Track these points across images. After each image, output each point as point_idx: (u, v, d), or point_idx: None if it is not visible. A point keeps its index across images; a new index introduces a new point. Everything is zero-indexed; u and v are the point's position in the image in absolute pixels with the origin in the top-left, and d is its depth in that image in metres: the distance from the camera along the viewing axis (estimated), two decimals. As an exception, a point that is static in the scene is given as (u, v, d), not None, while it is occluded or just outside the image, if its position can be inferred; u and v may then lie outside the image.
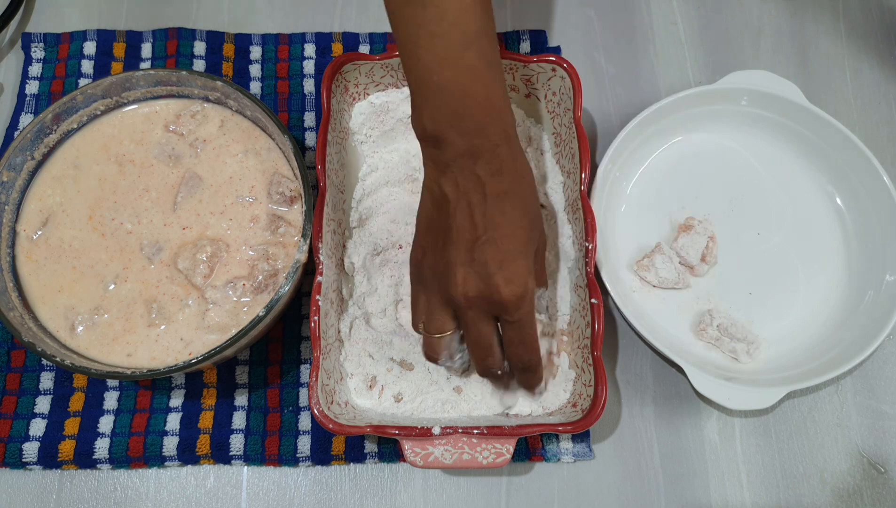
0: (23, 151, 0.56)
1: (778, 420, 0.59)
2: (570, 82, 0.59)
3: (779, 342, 0.59)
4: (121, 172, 0.58)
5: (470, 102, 0.45)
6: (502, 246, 0.45)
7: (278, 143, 0.58)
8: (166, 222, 0.57)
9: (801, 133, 0.64)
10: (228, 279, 0.55)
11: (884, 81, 0.70)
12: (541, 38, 0.70)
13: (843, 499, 0.56)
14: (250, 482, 0.56)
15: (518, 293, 0.45)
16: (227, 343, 0.50)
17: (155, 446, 0.56)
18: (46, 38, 0.68)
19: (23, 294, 0.55)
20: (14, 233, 0.56)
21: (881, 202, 0.61)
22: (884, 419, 0.59)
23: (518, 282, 0.45)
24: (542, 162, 0.62)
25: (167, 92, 0.60)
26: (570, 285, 0.58)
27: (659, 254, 0.60)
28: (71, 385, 0.58)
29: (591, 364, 0.52)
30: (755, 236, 0.63)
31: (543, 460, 0.57)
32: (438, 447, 0.51)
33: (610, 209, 0.62)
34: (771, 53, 0.71)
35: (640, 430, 0.58)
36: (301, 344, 0.60)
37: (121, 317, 0.54)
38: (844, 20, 0.72)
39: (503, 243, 0.45)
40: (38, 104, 0.66)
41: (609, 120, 0.68)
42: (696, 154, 0.66)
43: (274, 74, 0.68)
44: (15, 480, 0.56)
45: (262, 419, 0.57)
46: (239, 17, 0.71)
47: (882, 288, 0.59)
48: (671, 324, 0.60)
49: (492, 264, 0.45)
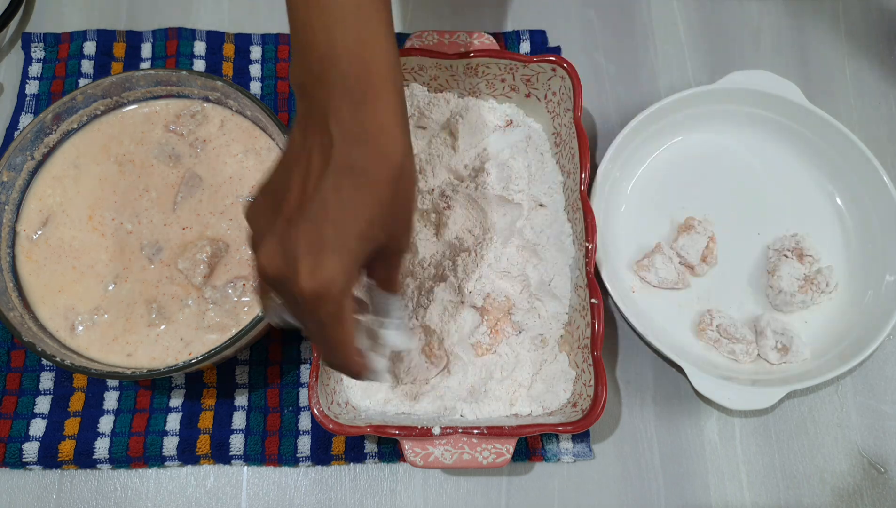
0: (23, 151, 0.56)
1: (778, 420, 0.59)
2: (570, 82, 0.59)
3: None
4: (121, 172, 0.58)
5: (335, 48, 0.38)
6: (322, 230, 0.38)
7: (278, 143, 0.58)
8: (166, 222, 0.57)
9: (801, 133, 0.64)
10: (228, 279, 0.55)
11: (884, 81, 0.70)
12: (541, 38, 0.70)
13: (843, 499, 0.56)
14: (250, 482, 0.56)
15: (317, 290, 0.38)
16: (227, 343, 0.50)
17: (155, 446, 0.56)
18: (46, 38, 0.68)
19: (23, 294, 0.55)
20: (14, 233, 0.56)
21: (881, 202, 0.61)
22: (884, 419, 0.59)
23: (320, 278, 0.38)
24: (542, 162, 0.62)
25: (167, 92, 0.60)
26: (570, 285, 0.58)
27: (659, 254, 0.60)
28: (71, 385, 0.58)
29: (591, 364, 0.52)
30: (755, 236, 0.63)
31: (543, 460, 0.57)
32: (438, 447, 0.51)
33: (610, 209, 0.62)
34: (771, 53, 0.71)
35: (640, 430, 0.58)
36: (301, 344, 0.60)
37: (121, 317, 0.54)
38: (844, 20, 0.72)
39: (324, 228, 0.38)
40: (38, 104, 0.66)
41: (609, 120, 0.68)
42: (696, 154, 0.66)
43: (274, 74, 0.68)
44: (15, 480, 0.56)
45: (262, 419, 0.57)
46: (239, 17, 0.71)
47: (882, 288, 0.59)
48: (671, 324, 0.60)
49: (301, 246, 0.38)
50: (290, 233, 0.38)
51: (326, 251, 0.38)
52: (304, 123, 0.40)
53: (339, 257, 0.38)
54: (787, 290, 0.59)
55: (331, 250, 0.38)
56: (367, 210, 0.38)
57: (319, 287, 0.38)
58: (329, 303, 0.39)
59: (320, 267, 0.38)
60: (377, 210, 0.39)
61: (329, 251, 0.38)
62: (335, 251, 0.38)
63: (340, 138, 0.38)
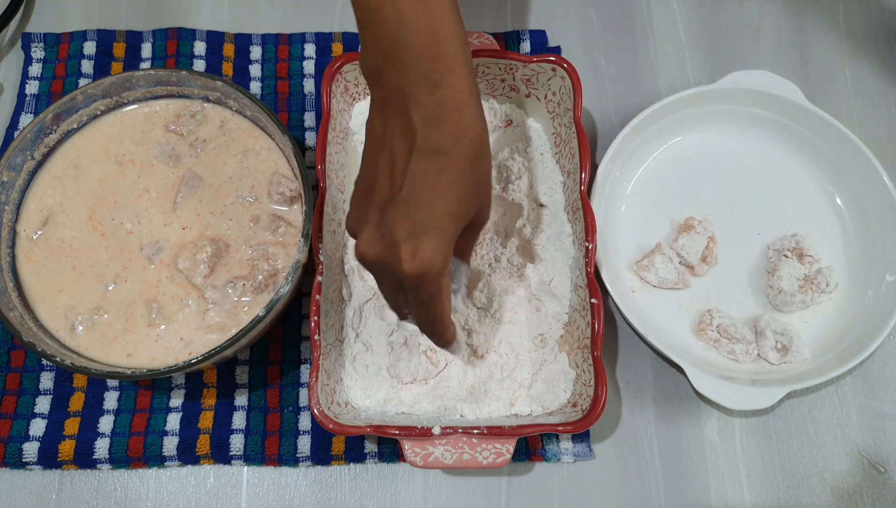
0: (23, 151, 0.56)
1: (778, 420, 0.59)
2: (570, 82, 0.59)
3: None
4: (121, 172, 0.58)
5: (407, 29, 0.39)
6: (416, 214, 0.39)
7: (278, 143, 0.58)
8: (166, 222, 0.57)
9: (801, 133, 0.64)
10: (228, 279, 0.55)
11: (884, 81, 0.70)
12: (541, 38, 0.70)
13: (843, 499, 0.56)
14: (250, 482, 0.56)
15: (418, 272, 0.39)
16: (227, 343, 0.50)
17: (155, 446, 0.56)
18: (46, 38, 0.68)
19: (23, 294, 0.55)
20: (14, 233, 0.56)
21: (881, 202, 0.61)
22: (884, 419, 0.59)
23: (422, 260, 0.39)
24: (542, 162, 0.62)
25: (167, 92, 0.60)
26: (570, 285, 0.58)
27: (659, 254, 0.60)
28: (71, 385, 0.58)
29: (591, 364, 0.52)
30: (755, 236, 0.63)
31: (543, 460, 0.57)
32: (438, 447, 0.51)
33: (610, 209, 0.62)
34: (771, 53, 0.71)
35: (640, 430, 0.58)
36: (301, 344, 0.60)
37: (121, 317, 0.54)
38: (844, 20, 0.72)
39: (418, 211, 0.39)
40: (38, 104, 0.66)
41: (609, 120, 0.68)
42: (696, 154, 0.66)
43: (274, 74, 0.68)
44: (15, 480, 0.56)
45: (262, 419, 0.57)
46: (239, 17, 0.71)
47: (882, 288, 0.59)
48: (671, 324, 0.60)
49: (399, 231, 0.39)
50: (386, 220, 0.40)
51: (423, 234, 0.39)
52: (383, 110, 0.40)
53: (435, 239, 0.40)
54: (787, 290, 0.59)
55: (427, 232, 0.39)
56: (454, 190, 0.40)
57: (422, 269, 0.40)
58: (430, 283, 0.41)
59: (420, 250, 0.39)
60: (464, 189, 0.40)
61: (425, 234, 0.39)
62: (431, 233, 0.39)
63: (421, 122, 0.39)
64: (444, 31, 0.40)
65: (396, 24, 0.39)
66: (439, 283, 0.41)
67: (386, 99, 0.40)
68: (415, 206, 0.39)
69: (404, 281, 0.41)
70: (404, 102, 0.39)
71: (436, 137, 0.39)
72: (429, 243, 0.39)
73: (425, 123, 0.39)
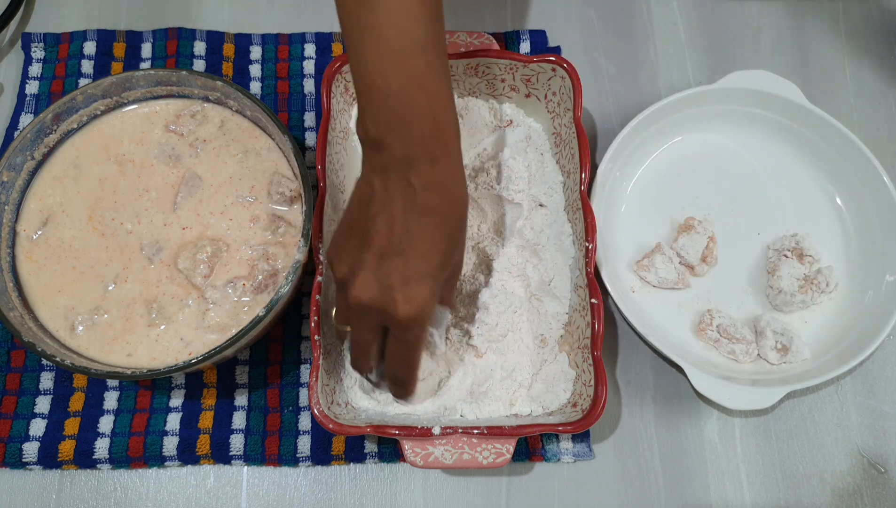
0: (23, 151, 0.56)
1: (778, 420, 0.59)
2: (570, 82, 0.59)
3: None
4: (121, 172, 0.58)
5: (412, 109, 0.44)
6: (412, 264, 0.44)
7: (278, 143, 0.58)
8: (166, 222, 0.57)
9: (801, 133, 0.64)
10: (228, 279, 0.55)
11: (884, 81, 0.70)
12: (541, 38, 0.70)
13: (843, 499, 0.56)
14: (250, 482, 0.56)
15: (412, 316, 0.44)
16: (227, 343, 0.50)
17: (155, 446, 0.56)
18: (46, 38, 0.68)
19: (23, 294, 0.55)
20: (14, 233, 0.56)
21: (881, 202, 0.61)
22: (884, 419, 0.59)
23: (416, 305, 0.44)
24: (542, 162, 0.62)
25: (167, 92, 0.60)
26: (570, 285, 0.58)
27: (659, 254, 0.60)
28: (71, 385, 0.58)
29: (591, 364, 0.52)
30: (755, 236, 0.63)
31: (543, 460, 0.57)
32: (438, 447, 0.51)
33: (610, 209, 0.62)
34: (771, 53, 0.71)
35: (640, 430, 0.58)
36: (301, 344, 0.60)
37: (121, 317, 0.54)
38: (844, 20, 0.72)
39: (414, 261, 0.44)
40: (38, 104, 0.66)
41: (609, 120, 0.68)
42: (696, 154, 0.66)
43: (274, 74, 0.68)
44: (15, 480, 0.56)
45: (262, 419, 0.57)
46: (239, 17, 0.71)
47: (882, 288, 0.59)
48: (671, 324, 0.60)
49: (395, 277, 0.44)
50: (383, 267, 0.44)
51: (418, 282, 0.44)
52: (384, 173, 0.45)
53: (428, 286, 0.44)
54: (787, 290, 0.59)
55: (423, 280, 0.44)
56: (443, 244, 0.45)
57: (415, 312, 0.44)
58: (419, 326, 0.45)
59: (414, 297, 0.44)
60: (450, 243, 0.46)
61: (420, 282, 0.44)
62: (426, 281, 0.44)
63: (422, 187, 0.44)
64: (442, 113, 0.45)
65: (404, 103, 0.44)
66: (425, 325, 0.46)
67: (386, 165, 0.45)
68: (411, 256, 0.44)
69: (395, 325, 0.45)
70: (407, 169, 0.44)
71: (432, 199, 0.44)
72: (423, 290, 0.44)
73: (425, 188, 0.44)
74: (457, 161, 0.46)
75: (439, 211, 0.45)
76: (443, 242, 0.45)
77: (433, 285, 0.45)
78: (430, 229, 0.44)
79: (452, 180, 0.46)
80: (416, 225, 0.44)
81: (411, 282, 0.44)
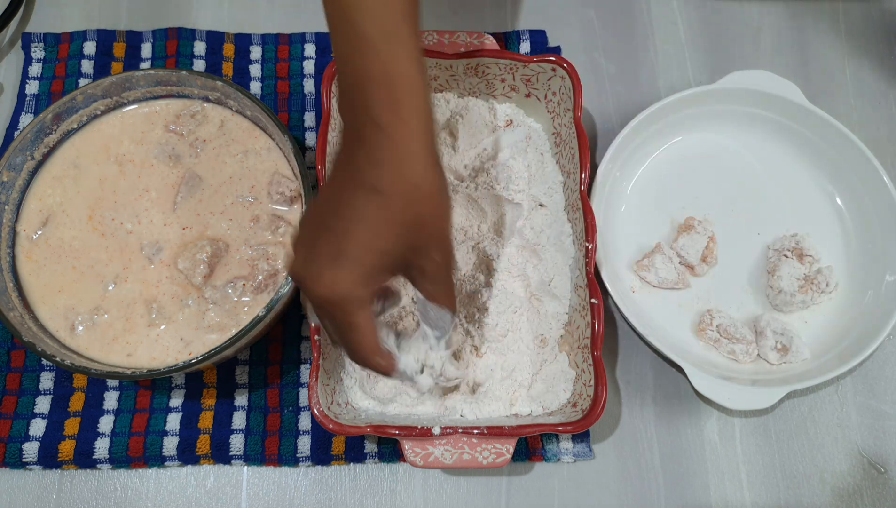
0: (23, 151, 0.56)
1: (778, 420, 0.59)
2: (570, 82, 0.59)
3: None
4: (121, 172, 0.58)
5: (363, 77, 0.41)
6: (339, 242, 0.41)
7: (278, 143, 0.58)
8: (166, 222, 0.57)
9: (801, 133, 0.64)
10: (228, 279, 0.55)
11: (884, 81, 0.70)
12: (541, 38, 0.70)
13: (843, 499, 0.56)
14: (250, 482, 0.56)
15: (327, 297, 0.41)
16: (227, 343, 0.50)
17: (155, 446, 0.56)
18: (46, 38, 0.68)
19: (23, 294, 0.55)
20: (14, 233, 0.56)
21: (881, 202, 0.61)
22: (884, 419, 0.59)
23: (333, 286, 0.41)
24: (542, 162, 0.62)
25: (167, 92, 0.60)
26: (570, 285, 0.58)
27: (659, 254, 0.60)
28: (71, 385, 0.58)
29: (591, 364, 0.52)
30: (755, 236, 0.63)
31: (543, 460, 0.57)
32: (438, 447, 0.51)
33: (610, 209, 0.62)
34: (771, 53, 0.71)
35: (640, 430, 0.58)
36: (301, 344, 0.60)
37: (121, 317, 0.54)
38: (844, 20, 0.72)
39: (341, 240, 0.41)
40: (38, 104, 0.66)
41: (609, 120, 0.68)
42: (696, 154, 0.66)
43: (274, 74, 0.68)
44: (15, 480, 0.56)
45: (262, 419, 0.57)
46: (239, 17, 0.71)
47: (882, 288, 0.59)
48: (671, 324, 0.60)
49: (322, 255, 0.41)
50: (316, 243, 0.42)
51: (341, 262, 0.41)
52: (342, 145, 0.43)
53: (351, 269, 0.41)
54: (787, 290, 0.59)
55: (346, 261, 0.41)
56: (386, 228, 0.41)
57: (330, 295, 0.41)
58: (339, 309, 0.42)
59: (333, 277, 0.41)
60: (396, 229, 0.41)
61: (344, 263, 0.41)
62: (350, 263, 0.41)
63: (366, 161, 0.41)
64: (399, 81, 0.41)
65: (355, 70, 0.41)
66: (349, 310, 0.42)
67: (344, 135, 0.43)
68: (343, 235, 0.41)
69: (314, 304, 0.43)
70: (354, 140, 0.41)
71: (378, 180, 0.40)
72: (343, 272, 0.41)
73: (370, 163, 0.41)
74: (413, 134, 0.41)
75: (382, 190, 0.40)
76: (384, 226, 0.41)
77: (360, 269, 0.41)
78: (369, 212, 0.41)
79: (405, 156, 0.41)
80: (354, 203, 0.41)
81: (333, 261, 0.41)
